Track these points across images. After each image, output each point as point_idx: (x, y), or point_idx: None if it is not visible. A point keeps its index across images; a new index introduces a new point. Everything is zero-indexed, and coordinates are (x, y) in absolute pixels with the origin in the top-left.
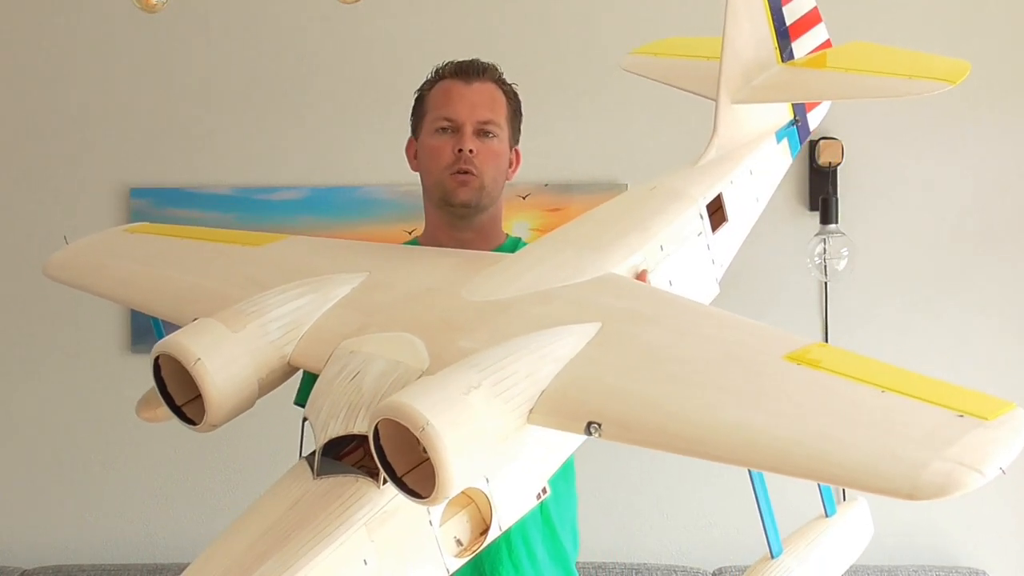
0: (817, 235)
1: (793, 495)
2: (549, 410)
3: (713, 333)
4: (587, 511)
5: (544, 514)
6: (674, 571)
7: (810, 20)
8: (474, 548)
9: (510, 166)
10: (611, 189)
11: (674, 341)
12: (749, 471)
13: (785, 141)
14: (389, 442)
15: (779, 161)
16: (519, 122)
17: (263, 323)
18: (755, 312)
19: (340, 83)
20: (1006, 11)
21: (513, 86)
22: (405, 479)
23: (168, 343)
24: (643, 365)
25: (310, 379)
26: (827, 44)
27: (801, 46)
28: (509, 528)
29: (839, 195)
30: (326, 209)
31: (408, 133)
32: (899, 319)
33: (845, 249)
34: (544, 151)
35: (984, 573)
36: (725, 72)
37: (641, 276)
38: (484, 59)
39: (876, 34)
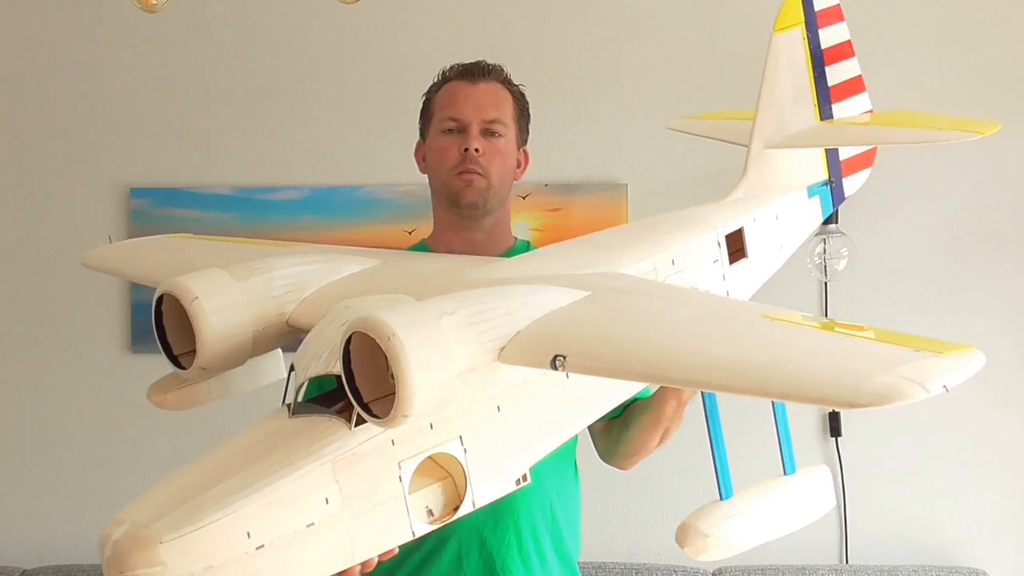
0: (817, 235)
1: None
2: (520, 348)
3: (697, 300)
4: (587, 511)
5: (553, 514)
6: (674, 571)
7: (854, 86)
8: (444, 520)
9: (518, 166)
10: (611, 189)
11: (658, 306)
12: (704, 407)
13: (817, 198)
14: (361, 368)
15: (808, 215)
16: (526, 122)
17: (268, 279)
18: None
19: (340, 83)
20: (1006, 11)
21: (520, 87)
22: (371, 405)
23: (170, 282)
24: (622, 318)
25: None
26: (869, 113)
27: (843, 110)
28: (520, 527)
29: None
30: (326, 209)
31: (415, 135)
32: (899, 319)
33: (845, 249)
34: (544, 151)
35: (984, 573)
36: (760, 116)
37: None
38: (484, 59)
39: (875, 34)
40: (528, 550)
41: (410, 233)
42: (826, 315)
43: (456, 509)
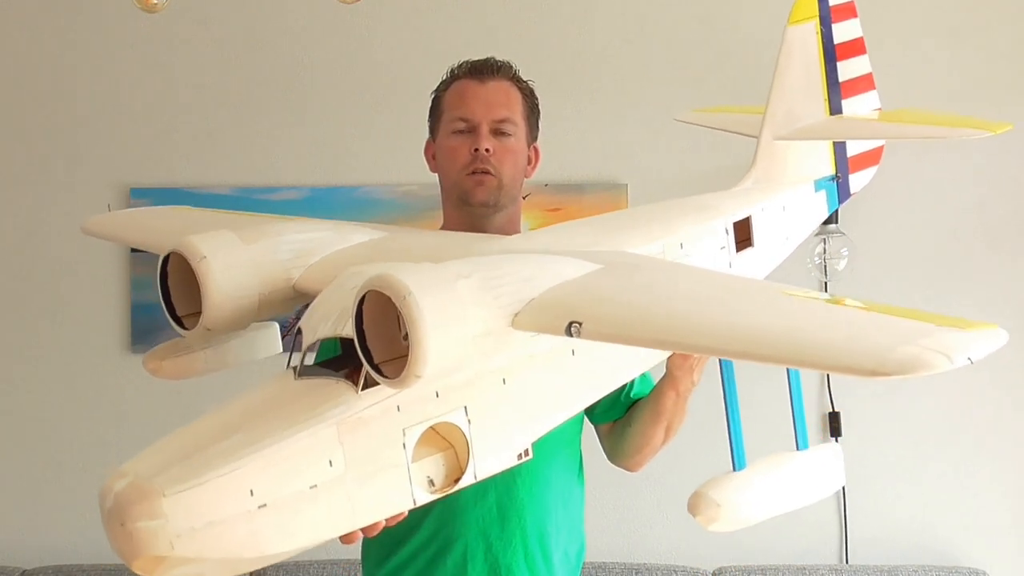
0: (817, 235)
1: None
2: (534, 313)
3: (715, 278)
4: (588, 511)
5: (558, 518)
6: (674, 571)
7: (864, 83)
8: (445, 490)
9: (529, 163)
10: (611, 189)
11: (673, 279)
12: (721, 376)
13: (823, 193)
14: (373, 330)
15: (814, 209)
16: (537, 119)
17: (276, 242)
18: None
19: (340, 83)
20: (1007, 11)
21: (529, 83)
22: (382, 367)
23: (177, 240)
24: (637, 288)
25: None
26: (878, 111)
27: (852, 106)
28: (526, 531)
29: None
30: (326, 209)
31: (415, 135)
32: None
33: (845, 249)
34: (544, 151)
35: (984, 573)
36: (771, 107)
37: None
38: (493, 56)
39: (876, 34)
40: (534, 554)
41: None
42: None
43: (457, 480)
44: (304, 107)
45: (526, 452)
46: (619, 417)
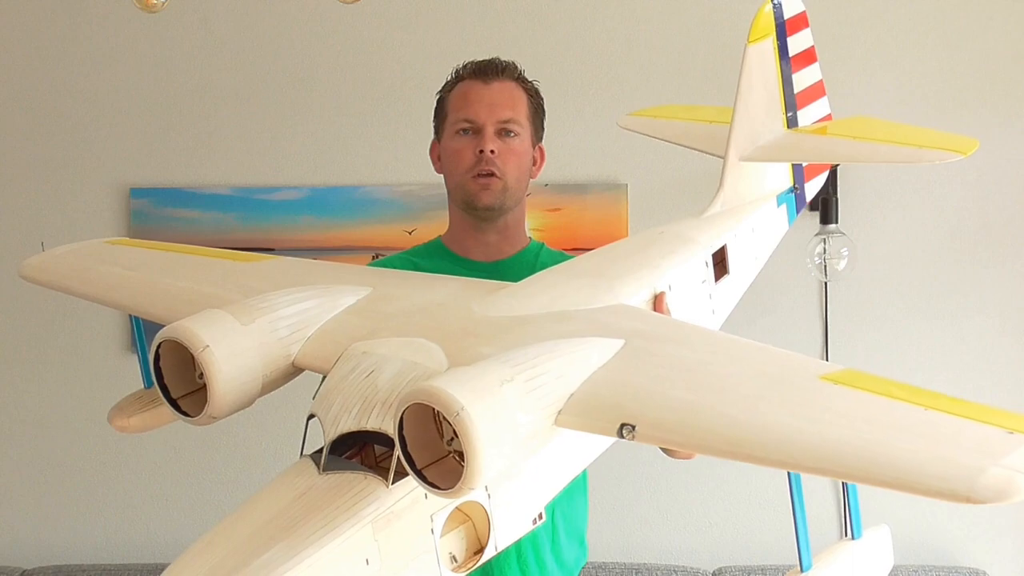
0: (817, 235)
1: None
2: (579, 412)
3: (741, 354)
4: (589, 511)
5: (553, 522)
6: (674, 571)
7: (816, 91)
8: (468, 566)
9: (534, 164)
10: (611, 189)
11: (703, 359)
12: (789, 483)
13: (784, 207)
14: (409, 434)
15: (778, 224)
16: (542, 119)
17: (272, 320)
18: (755, 312)
19: (340, 83)
20: (1006, 12)
21: (534, 83)
22: (424, 471)
23: (176, 328)
24: (675, 376)
25: None
26: (828, 117)
27: (806, 115)
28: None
29: (839, 195)
30: (326, 209)
31: (415, 135)
32: (899, 319)
33: (845, 249)
34: (545, 151)
35: (984, 573)
36: (736, 130)
37: (659, 298)
38: (497, 56)
39: (874, 35)
40: (527, 557)
41: (410, 233)
42: (826, 315)
43: (477, 552)
44: (304, 107)
45: (540, 516)
46: None
